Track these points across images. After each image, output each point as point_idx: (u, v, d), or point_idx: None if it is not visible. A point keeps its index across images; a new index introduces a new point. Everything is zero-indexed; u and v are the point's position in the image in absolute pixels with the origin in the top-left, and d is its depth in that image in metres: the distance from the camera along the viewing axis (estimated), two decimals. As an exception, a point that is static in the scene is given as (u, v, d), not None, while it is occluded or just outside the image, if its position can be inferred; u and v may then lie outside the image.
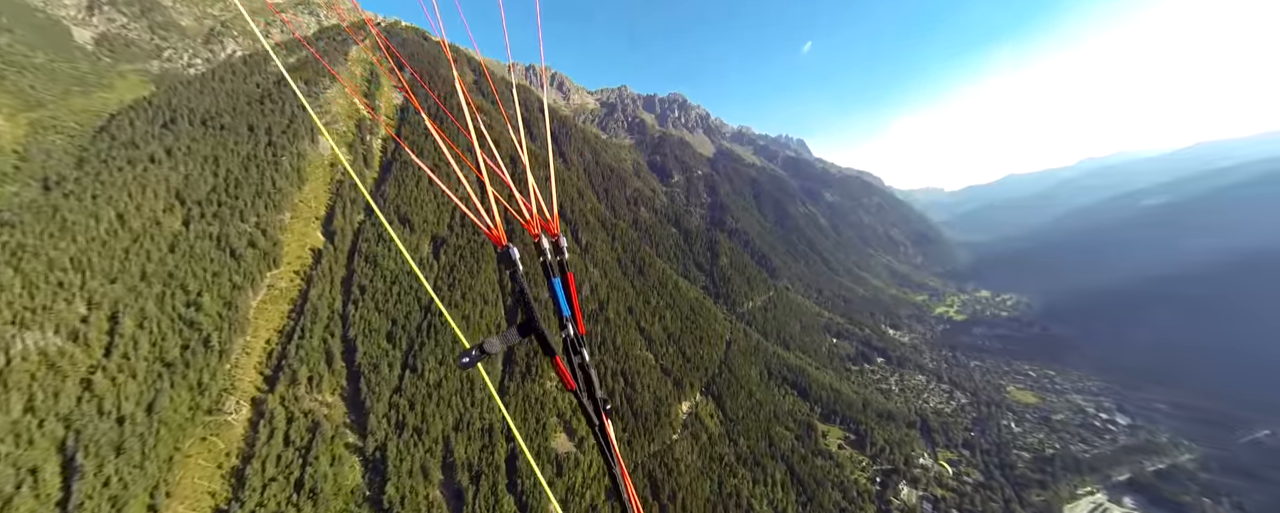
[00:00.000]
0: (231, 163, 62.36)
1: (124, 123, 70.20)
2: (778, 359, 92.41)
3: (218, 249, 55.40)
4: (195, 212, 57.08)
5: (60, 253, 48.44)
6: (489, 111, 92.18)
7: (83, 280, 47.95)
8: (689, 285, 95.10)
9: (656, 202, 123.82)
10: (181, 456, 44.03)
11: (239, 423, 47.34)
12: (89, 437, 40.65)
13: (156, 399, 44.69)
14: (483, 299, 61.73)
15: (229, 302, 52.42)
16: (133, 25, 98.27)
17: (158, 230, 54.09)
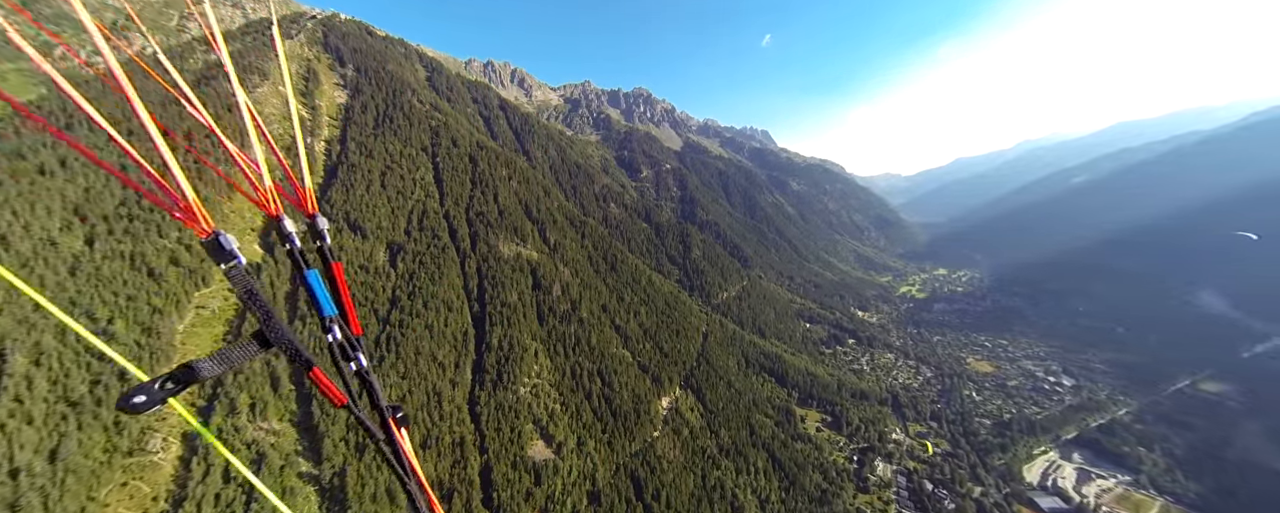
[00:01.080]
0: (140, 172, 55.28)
1: (8, 130, 60.92)
2: (754, 348, 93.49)
3: (132, 270, 49.01)
4: (101, 229, 50.23)
5: (-76, 284, 41.08)
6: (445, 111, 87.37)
7: (-43, 314, 40.94)
8: (663, 280, 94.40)
9: (626, 197, 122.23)
10: (97, 506, 38.53)
11: (167, 462, 42.06)
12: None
13: (61, 444, 38.84)
14: (447, 306, 58.20)
15: (149, 327, 46.48)
16: (13, 18, 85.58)
17: (53, 252, 47.11)
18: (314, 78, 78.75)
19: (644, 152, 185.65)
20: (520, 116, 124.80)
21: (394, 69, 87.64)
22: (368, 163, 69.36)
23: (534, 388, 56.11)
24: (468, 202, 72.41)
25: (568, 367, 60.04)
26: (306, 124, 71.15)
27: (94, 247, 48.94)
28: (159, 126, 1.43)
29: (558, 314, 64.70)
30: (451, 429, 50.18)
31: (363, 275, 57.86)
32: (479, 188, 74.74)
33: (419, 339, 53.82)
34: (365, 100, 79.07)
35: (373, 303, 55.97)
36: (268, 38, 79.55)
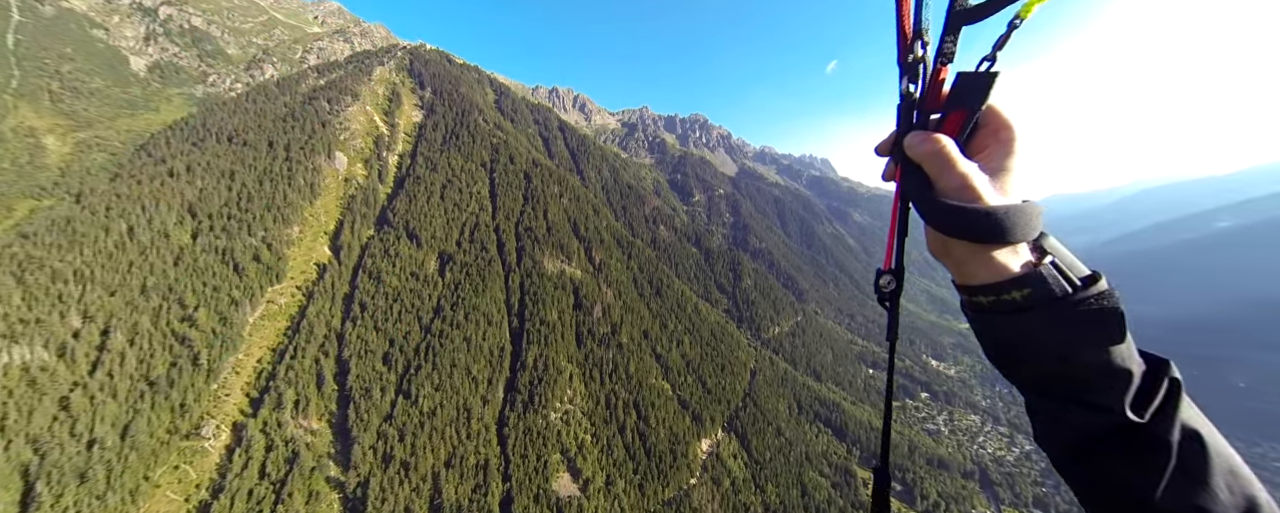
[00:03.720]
0: (247, 177, 62.27)
1: (161, 141, 72.38)
2: (808, 392, 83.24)
3: (221, 263, 53.93)
4: (205, 225, 56.34)
5: (64, 265, 47.67)
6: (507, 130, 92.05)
7: (82, 293, 46.73)
8: (710, 308, 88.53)
9: (676, 220, 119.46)
10: (149, 486, 40.32)
11: (216, 450, 43.60)
12: (53, 462, 37.55)
13: (133, 421, 41.66)
14: (487, 320, 57.51)
15: (224, 317, 50.14)
16: (184, 54, 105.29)
17: (165, 243, 53.23)
18: (397, 99, 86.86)
19: (697, 176, 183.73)
20: (577, 138, 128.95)
21: (465, 91, 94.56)
22: (431, 176, 73.29)
23: (565, 415, 52.57)
24: (518, 216, 73.45)
25: (603, 395, 56.02)
26: (385, 140, 77.60)
27: (197, 241, 54.72)
28: None
29: (597, 337, 61.60)
30: (477, 450, 47.74)
31: (412, 282, 59.27)
32: (530, 203, 75.82)
33: (456, 351, 53.06)
34: (437, 119, 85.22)
35: (418, 310, 56.70)
36: (366, 65, 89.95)
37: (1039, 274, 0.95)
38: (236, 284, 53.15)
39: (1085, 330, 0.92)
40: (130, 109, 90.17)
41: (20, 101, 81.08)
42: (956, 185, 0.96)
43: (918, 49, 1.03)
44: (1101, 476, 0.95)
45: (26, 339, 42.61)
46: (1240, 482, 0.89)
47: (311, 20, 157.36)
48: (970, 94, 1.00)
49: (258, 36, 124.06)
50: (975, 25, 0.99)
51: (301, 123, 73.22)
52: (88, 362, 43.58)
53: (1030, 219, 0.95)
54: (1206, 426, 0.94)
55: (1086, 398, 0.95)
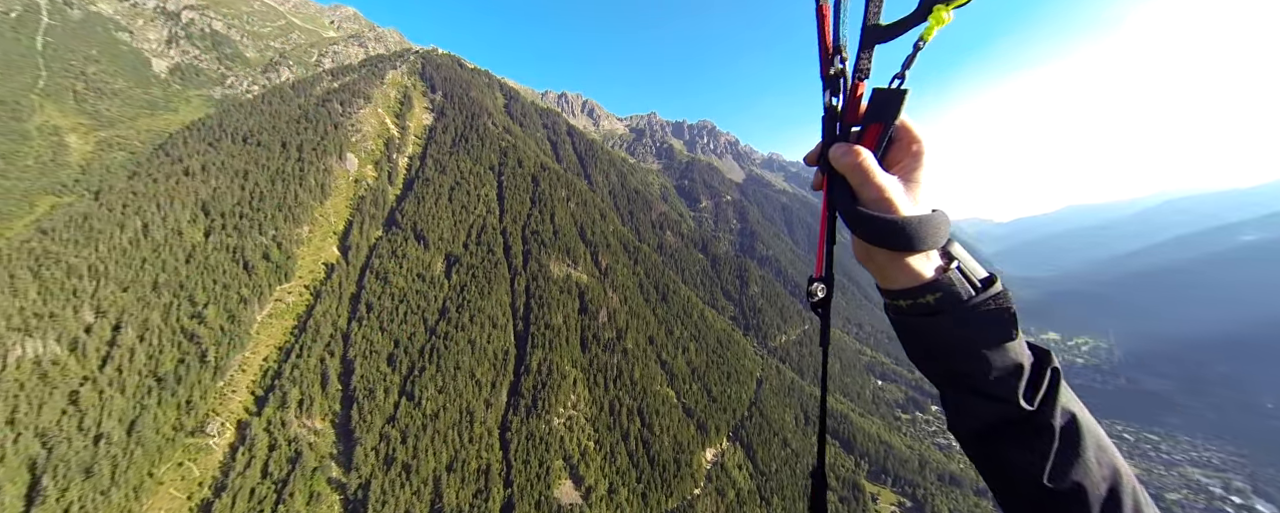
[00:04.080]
0: (260, 177, 63.10)
1: (178, 141, 73.78)
2: (815, 403, 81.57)
3: (232, 261, 54.45)
4: (217, 223, 57.03)
5: (80, 261, 48.42)
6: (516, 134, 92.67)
7: (95, 288, 47.37)
8: (716, 315, 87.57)
9: (683, 226, 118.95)
10: (153, 483, 40.36)
11: (220, 448, 43.61)
12: (60, 456, 37.75)
13: (140, 417, 41.87)
14: (491, 322, 57.28)
15: (233, 315, 50.48)
16: (204, 57, 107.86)
17: (178, 241, 53.92)
18: (408, 102, 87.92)
19: (705, 182, 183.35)
20: (585, 142, 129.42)
21: (476, 95, 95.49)
22: (440, 178, 73.73)
23: (568, 420, 51.93)
24: (525, 220, 73.48)
25: (606, 401, 55.33)
26: (395, 142, 78.38)
27: (209, 239, 55.37)
28: None
29: (602, 342, 61.03)
30: (479, 455, 47.24)
31: (419, 284, 59.33)
32: (537, 207, 75.87)
33: (460, 354, 52.82)
34: (447, 122, 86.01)
35: (424, 312, 56.65)
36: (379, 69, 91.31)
37: (948, 279, 1.06)
38: (246, 282, 53.58)
39: (985, 330, 1.04)
40: (150, 109, 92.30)
41: (46, 101, 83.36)
42: (875, 196, 1.04)
43: (837, 63, 1.10)
44: (1000, 458, 1.08)
45: (40, 333, 43.17)
46: (1107, 454, 1.04)
47: (327, 25, 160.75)
48: (885, 109, 1.09)
49: (275, 40, 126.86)
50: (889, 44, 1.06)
51: (314, 124, 74.25)
52: (98, 357, 44.01)
53: (939, 227, 1.05)
54: (1080, 407, 1.08)
55: (987, 390, 1.07)
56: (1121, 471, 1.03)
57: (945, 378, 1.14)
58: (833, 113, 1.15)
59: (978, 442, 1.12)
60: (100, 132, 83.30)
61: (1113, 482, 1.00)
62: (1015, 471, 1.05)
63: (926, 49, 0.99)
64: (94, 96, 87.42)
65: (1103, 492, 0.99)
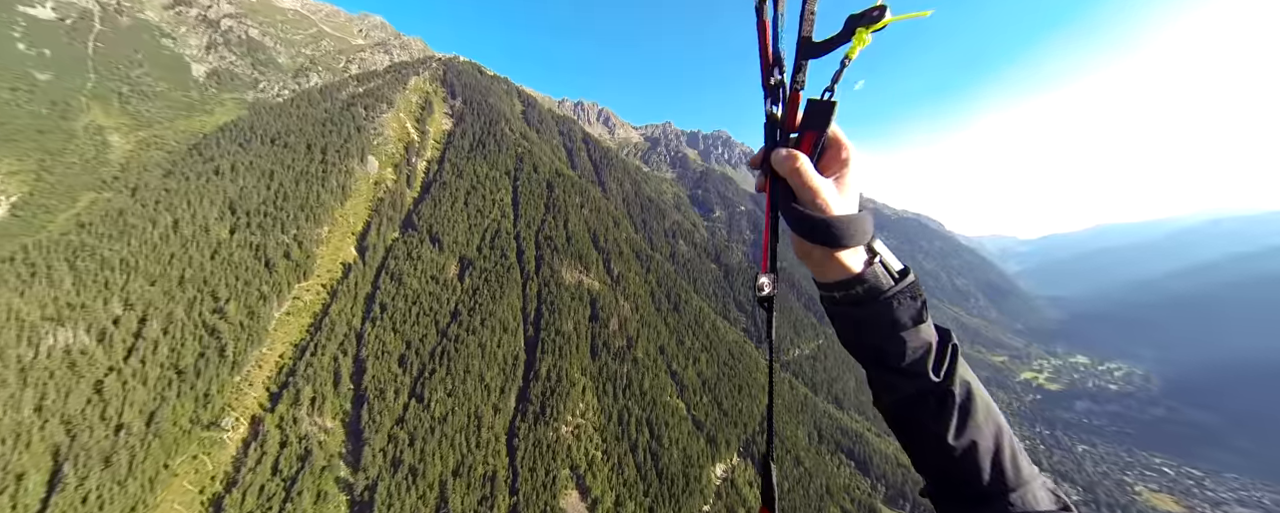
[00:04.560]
0: (285, 178, 64.89)
1: (211, 142, 76.71)
2: (830, 421, 79.04)
3: (254, 259, 55.78)
4: (243, 221, 58.64)
5: (113, 254, 50.19)
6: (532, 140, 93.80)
7: (125, 281, 48.95)
8: (728, 327, 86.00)
9: (696, 235, 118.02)
10: (168, 475, 40.92)
11: (233, 443, 44.10)
12: (82, 444, 38.62)
13: (159, 409, 42.71)
14: (502, 327, 57.17)
15: (253, 311, 51.49)
16: (239, 62, 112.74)
17: (205, 237, 55.56)
18: (429, 108, 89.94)
19: (719, 192, 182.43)
20: (600, 150, 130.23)
21: (494, 102, 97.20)
22: (457, 182, 74.75)
23: (576, 429, 51.12)
24: (539, 225, 73.73)
25: (615, 410, 54.37)
26: (415, 146, 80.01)
27: (234, 236, 56.92)
28: None
29: (612, 350, 60.29)
30: (485, 460, 46.72)
31: (432, 286, 59.74)
32: (551, 212, 76.13)
33: (470, 357, 52.72)
34: (465, 127, 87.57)
35: (436, 314, 56.90)
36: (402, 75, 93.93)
37: (873, 272, 1.24)
38: (266, 279, 54.73)
39: (903, 314, 1.23)
40: (188, 112, 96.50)
41: (93, 102, 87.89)
42: (811, 197, 1.18)
43: (776, 75, 1.22)
44: (916, 426, 1.28)
45: (71, 323, 44.67)
46: (992, 414, 1.26)
47: (355, 33, 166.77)
48: (818, 117, 1.21)
49: (306, 47, 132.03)
50: (823, 60, 1.18)
51: (339, 128, 76.33)
52: (124, 348, 45.23)
53: (865, 225, 1.19)
54: (973, 376, 1.28)
55: (905, 367, 1.25)
56: (1002, 427, 1.26)
57: (872, 358, 1.29)
58: (774, 120, 1.26)
59: (898, 413, 1.30)
60: (140, 131, 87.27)
61: (997, 437, 1.24)
62: (926, 434, 1.25)
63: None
64: (137, 98, 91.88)
65: (990, 445, 1.22)
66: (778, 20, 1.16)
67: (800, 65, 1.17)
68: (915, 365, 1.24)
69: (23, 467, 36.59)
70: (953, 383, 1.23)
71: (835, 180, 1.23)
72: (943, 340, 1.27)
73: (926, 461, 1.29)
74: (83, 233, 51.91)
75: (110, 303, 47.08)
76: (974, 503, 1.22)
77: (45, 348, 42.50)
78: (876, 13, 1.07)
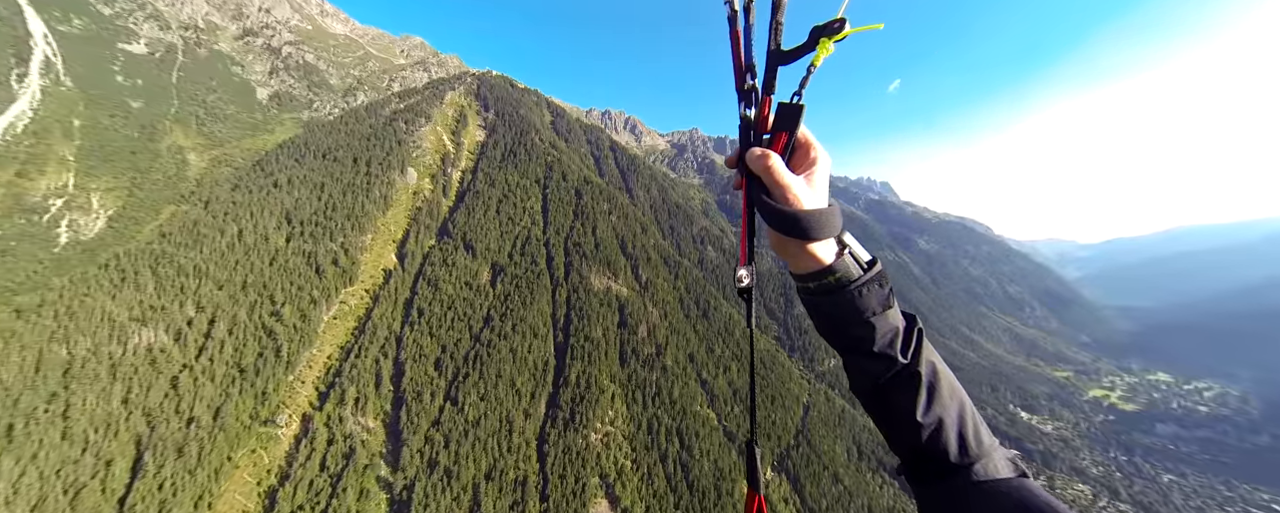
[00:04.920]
0: (334, 189, 69.38)
1: (272, 158, 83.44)
2: (871, 436, 74.54)
3: (307, 265, 59.70)
4: (297, 231, 63.05)
5: (187, 261, 55.23)
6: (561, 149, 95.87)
7: (198, 286, 53.66)
8: (759, 335, 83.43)
9: (725, 241, 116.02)
10: (231, 466, 44.04)
11: (286, 438, 46.93)
12: (160, 435, 42.26)
13: (224, 404, 46.20)
14: (533, 332, 58.05)
15: (305, 315, 54.98)
16: (296, 85, 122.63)
17: (264, 245, 60.13)
18: (464, 120, 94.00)
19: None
20: (627, 157, 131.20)
21: (525, 113, 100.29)
22: (489, 191, 77.27)
23: (606, 437, 50.82)
24: (568, 232, 74.76)
25: (645, 419, 53.69)
26: (450, 157, 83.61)
27: (289, 244, 61.24)
28: None
29: (641, 357, 59.81)
30: (516, 465, 47.22)
31: (466, 291, 61.65)
32: (580, 219, 77.06)
33: (502, 362, 53.75)
34: (497, 138, 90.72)
35: (469, 319, 58.57)
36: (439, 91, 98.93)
37: (844, 261, 1.32)
38: (316, 285, 58.40)
39: (873, 301, 1.31)
40: (253, 131, 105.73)
41: (175, 125, 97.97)
42: (783, 194, 1.27)
43: (749, 80, 1.30)
44: (889, 406, 1.36)
45: (153, 324, 49.35)
46: (956, 389, 1.35)
47: (398, 54, 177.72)
48: (788, 119, 1.30)
49: (354, 69, 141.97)
50: (791, 66, 1.26)
51: (382, 142, 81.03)
52: (196, 347, 49.43)
53: (835, 218, 1.29)
54: (936, 356, 1.37)
55: (877, 350, 1.33)
56: (965, 402, 1.35)
57: (847, 345, 1.37)
58: (747, 123, 1.34)
59: (873, 396, 1.38)
60: (213, 150, 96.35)
61: (960, 412, 1.32)
62: (899, 413, 1.33)
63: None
64: (211, 121, 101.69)
65: (955, 419, 1.31)
66: (748, 31, 1.25)
67: (770, 72, 1.25)
68: (886, 349, 1.31)
69: (112, 454, 40.45)
70: (919, 364, 1.31)
71: (805, 177, 1.31)
72: (909, 325, 1.35)
73: (901, 439, 1.35)
74: (163, 242, 57.51)
75: (185, 305, 51.68)
76: (943, 476, 1.30)
77: (131, 346, 47.11)
78: (837, 25, 1.17)
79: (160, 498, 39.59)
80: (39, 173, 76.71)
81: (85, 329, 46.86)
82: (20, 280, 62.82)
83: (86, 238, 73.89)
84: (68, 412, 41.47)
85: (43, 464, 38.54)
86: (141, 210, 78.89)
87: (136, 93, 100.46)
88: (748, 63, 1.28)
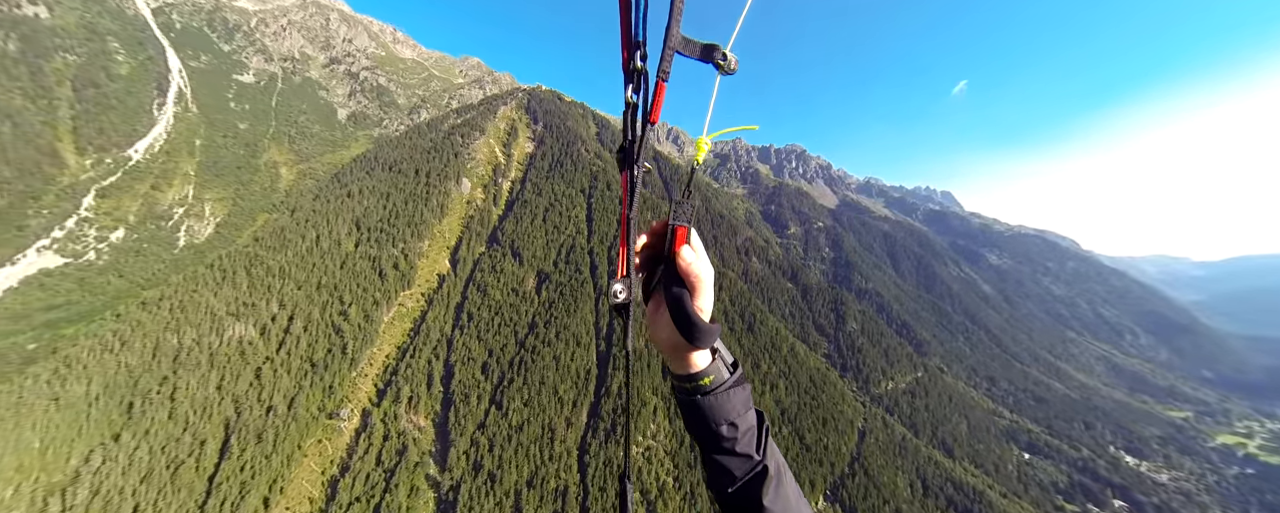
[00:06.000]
0: (397, 198, 74.74)
1: (347, 171, 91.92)
2: (937, 469, 66.98)
3: (371, 269, 64.32)
4: (365, 237, 68.34)
5: (275, 262, 61.43)
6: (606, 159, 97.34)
7: (281, 286, 59.39)
8: (808, 351, 78.51)
9: (770, 252, 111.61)
10: (300, 454, 47.53)
11: (347, 431, 49.99)
12: (244, 421, 46.59)
13: (297, 396, 50.23)
14: (576, 340, 58.25)
15: (368, 315, 58.98)
16: (370, 105, 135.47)
17: (336, 250, 65.65)
18: (514, 133, 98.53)
19: (793, 207, 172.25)
20: (670, 167, 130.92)
21: (571, 125, 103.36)
22: (537, 200, 79.73)
23: (647, 451, 49.36)
24: (612, 241, 75.04)
25: (687, 435, 51.59)
26: (501, 168, 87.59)
27: (357, 249, 66.40)
28: None
29: (681, 369, 57.94)
30: (557, 474, 46.92)
31: (512, 298, 63.33)
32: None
33: (545, 369, 54.21)
34: (545, 149, 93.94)
35: (515, 325, 59.92)
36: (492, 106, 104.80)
37: (717, 364, 1.44)
38: (378, 287, 62.63)
39: (739, 402, 1.43)
40: (333, 147, 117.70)
41: (273, 143, 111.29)
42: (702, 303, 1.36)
43: (638, 61, 1.12)
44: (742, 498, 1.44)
45: (244, 318, 55.08)
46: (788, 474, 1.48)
47: (457, 73, 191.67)
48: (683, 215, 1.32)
49: (419, 89, 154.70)
50: None
51: (440, 154, 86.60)
52: (276, 341, 54.43)
53: (717, 331, 1.39)
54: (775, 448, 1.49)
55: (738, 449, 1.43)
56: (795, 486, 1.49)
57: (712, 444, 1.44)
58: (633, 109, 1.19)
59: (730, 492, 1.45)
60: (300, 164, 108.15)
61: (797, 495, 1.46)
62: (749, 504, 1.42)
63: None
64: (300, 139, 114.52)
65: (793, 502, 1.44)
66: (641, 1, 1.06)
67: (666, 55, 1.09)
68: (746, 447, 1.42)
69: (206, 435, 45.08)
70: (768, 457, 1.43)
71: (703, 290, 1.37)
72: (760, 422, 1.47)
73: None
74: (257, 245, 64.53)
75: (270, 303, 57.31)
76: None
77: (226, 338, 52.78)
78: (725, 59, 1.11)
79: (241, 479, 43.34)
80: (168, 185, 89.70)
81: (192, 321, 53.22)
82: (148, 277, 72.99)
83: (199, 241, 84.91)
84: (174, 394, 46.92)
85: (152, 440, 43.66)
86: (242, 217, 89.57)
87: (244, 116, 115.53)
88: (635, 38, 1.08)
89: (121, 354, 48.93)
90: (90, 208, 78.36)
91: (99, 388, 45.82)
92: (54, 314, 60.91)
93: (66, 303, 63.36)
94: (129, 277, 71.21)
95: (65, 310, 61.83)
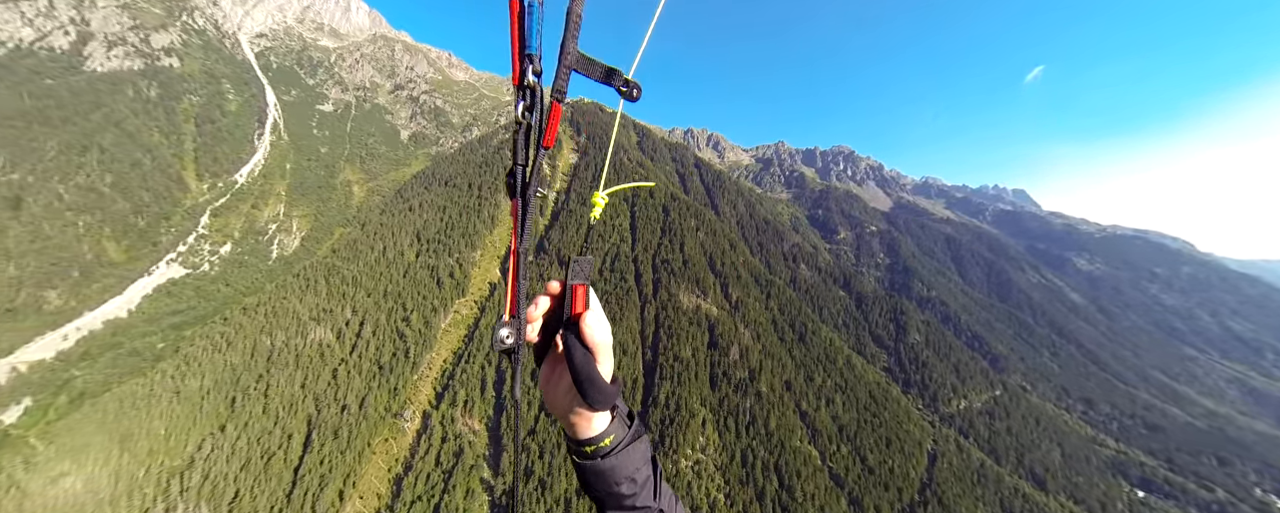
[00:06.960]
0: (453, 211, 79.48)
1: (408, 187, 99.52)
2: (1028, 504, 59.16)
3: (430, 278, 68.53)
4: (424, 247, 73.13)
5: (349, 272, 67.24)
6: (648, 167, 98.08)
7: (354, 293, 64.81)
8: (866, 364, 73.10)
9: (819, 259, 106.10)
10: (370, 452, 51.02)
11: (410, 432, 52.97)
12: (323, 418, 50.82)
13: (367, 396, 54.15)
14: (621, 349, 58.12)
15: (427, 321, 62.67)
16: (428, 126, 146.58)
17: (400, 260, 70.72)
18: (559, 144, 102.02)
19: (842, 211, 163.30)
20: (712, 173, 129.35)
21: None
22: (581, 210, 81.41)
23: (696, 464, 47.80)
24: (655, 249, 74.85)
25: (738, 449, 49.48)
26: (546, 179, 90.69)
27: (418, 259, 71.09)
28: None
29: (733, 381, 55.94)
30: (604, 483, 46.56)
31: (561, 304, 64.60)
32: (667, 236, 76.81)
33: (592, 375, 54.36)
34: (588, 160, 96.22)
35: (563, 331, 60.86)
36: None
37: (618, 423, 1.41)
38: (437, 295, 66.48)
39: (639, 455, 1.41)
40: (397, 166, 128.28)
41: (347, 164, 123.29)
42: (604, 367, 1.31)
43: (531, 76, 1.03)
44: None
45: (324, 323, 60.56)
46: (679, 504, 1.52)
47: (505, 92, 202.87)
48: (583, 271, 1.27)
49: (471, 108, 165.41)
50: None
51: (491, 168, 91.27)
52: (350, 345, 59.24)
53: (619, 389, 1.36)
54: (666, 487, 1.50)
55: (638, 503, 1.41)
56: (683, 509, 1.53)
57: (613, 502, 1.41)
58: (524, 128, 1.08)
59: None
60: (370, 182, 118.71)
61: None
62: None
63: None
64: (369, 159, 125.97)
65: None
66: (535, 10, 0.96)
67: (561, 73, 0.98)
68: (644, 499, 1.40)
69: (292, 429, 49.66)
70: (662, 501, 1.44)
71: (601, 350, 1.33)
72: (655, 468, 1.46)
73: None
74: (334, 256, 71.13)
75: (345, 309, 62.64)
76: None
77: (309, 340, 58.23)
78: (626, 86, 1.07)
79: (320, 473, 47.11)
80: (264, 205, 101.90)
81: (281, 325, 59.33)
82: (248, 285, 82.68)
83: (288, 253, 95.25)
84: (268, 391, 52.28)
85: (249, 432, 48.78)
86: (322, 231, 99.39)
87: (324, 141, 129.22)
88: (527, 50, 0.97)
89: (227, 354, 55.45)
90: (206, 226, 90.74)
91: (210, 383, 52.10)
92: (177, 318, 70.59)
93: (187, 308, 73.24)
94: (234, 285, 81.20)
95: (186, 315, 71.46)
